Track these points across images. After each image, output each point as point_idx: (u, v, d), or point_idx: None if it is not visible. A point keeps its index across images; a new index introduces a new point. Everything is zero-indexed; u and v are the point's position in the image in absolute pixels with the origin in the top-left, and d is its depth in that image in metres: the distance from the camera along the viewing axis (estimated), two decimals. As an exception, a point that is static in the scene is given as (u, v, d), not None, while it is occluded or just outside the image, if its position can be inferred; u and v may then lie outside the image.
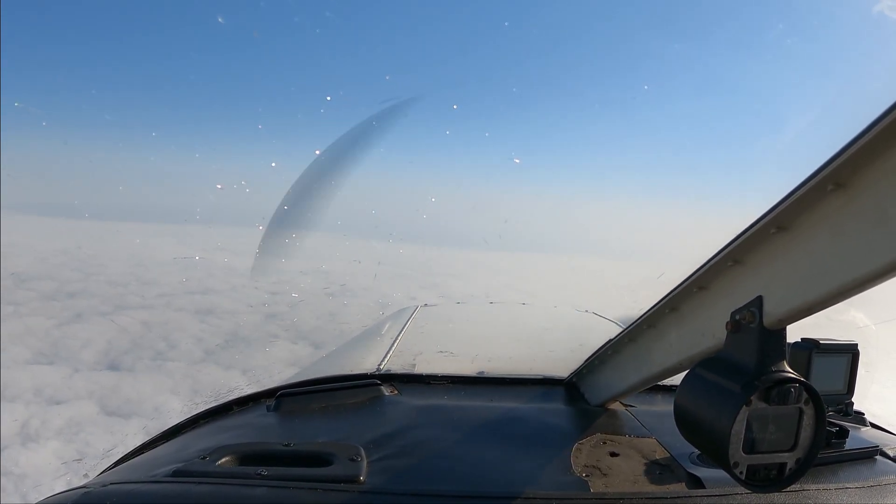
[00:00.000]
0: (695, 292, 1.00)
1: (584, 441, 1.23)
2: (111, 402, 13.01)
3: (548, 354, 2.03)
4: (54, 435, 10.97)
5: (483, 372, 1.68)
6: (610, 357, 1.41)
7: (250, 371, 14.36)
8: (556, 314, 3.33)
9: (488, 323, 3.07)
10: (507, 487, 0.99)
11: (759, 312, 0.83)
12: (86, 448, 10.39)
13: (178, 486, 0.94)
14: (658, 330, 1.17)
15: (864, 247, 0.67)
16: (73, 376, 14.49)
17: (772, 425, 0.82)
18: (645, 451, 1.19)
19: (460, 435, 1.23)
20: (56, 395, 13.19)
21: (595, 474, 1.07)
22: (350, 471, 1.01)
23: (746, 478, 0.83)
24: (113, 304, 22.02)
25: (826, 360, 1.22)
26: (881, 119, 0.62)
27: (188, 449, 1.16)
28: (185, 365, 15.59)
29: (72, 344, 16.81)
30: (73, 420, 11.80)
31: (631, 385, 1.31)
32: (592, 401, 1.49)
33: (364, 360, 1.86)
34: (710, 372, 0.90)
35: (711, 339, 0.96)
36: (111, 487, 0.95)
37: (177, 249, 44.78)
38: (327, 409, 1.37)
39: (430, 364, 1.79)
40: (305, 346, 16.55)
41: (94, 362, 15.64)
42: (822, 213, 0.73)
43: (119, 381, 14.29)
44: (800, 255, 0.77)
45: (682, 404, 0.93)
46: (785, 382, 0.80)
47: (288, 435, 1.22)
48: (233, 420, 1.38)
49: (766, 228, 0.80)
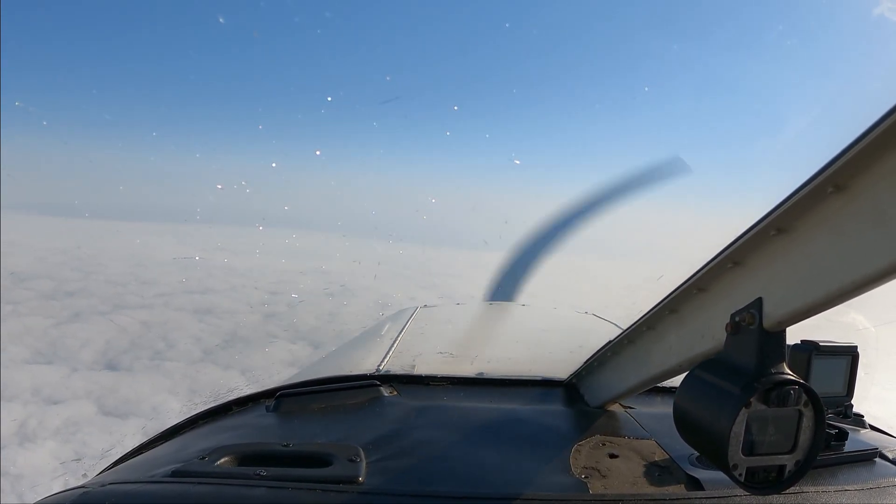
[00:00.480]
0: (694, 294, 1.00)
1: (583, 442, 1.22)
2: (109, 402, 12.99)
3: (547, 355, 2.03)
4: (51, 435, 10.94)
5: (482, 373, 1.68)
6: (609, 358, 1.41)
7: (249, 371, 14.32)
8: (555, 315, 3.33)
9: (488, 324, 3.07)
10: (506, 488, 0.99)
11: (759, 314, 0.83)
12: (83, 448, 10.36)
13: (176, 487, 0.94)
14: (657, 331, 1.17)
15: (864, 249, 0.67)
16: (71, 376, 14.45)
17: (771, 427, 0.82)
18: (644, 453, 1.19)
19: (459, 436, 1.23)
20: (54, 394, 13.16)
21: (594, 476, 1.07)
22: (349, 471, 1.01)
23: (745, 480, 0.83)
24: (112, 304, 22.02)
25: (826, 362, 1.22)
26: (881, 122, 0.62)
27: (187, 449, 1.16)
28: (184, 365, 15.56)
29: (70, 343, 16.77)
30: (70, 420, 11.77)
31: (630, 386, 1.31)
32: (592, 402, 1.49)
33: (363, 360, 1.86)
34: (709, 374, 0.90)
35: (711, 340, 0.96)
36: (110, 487, 0.94)
37: (177, 249, 44.72)
38: (327, 409, 1.37)
39: (430, 365, 1.78)
40: (305, 346, 16.51)
41: (92, 362, 15.61)
42: (822, 215, 0.73)
43: (117, 380, 14.26)
44: (799, 257, 0.77)
45: (681, 406, 0.93)
46: (784, 384, 0.80)
47: (287, 435, 1.22)
48: (232, 420, 1.38)
49: (766, 230, 0.80)
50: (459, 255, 37.62)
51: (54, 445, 10.57)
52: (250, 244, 46.03)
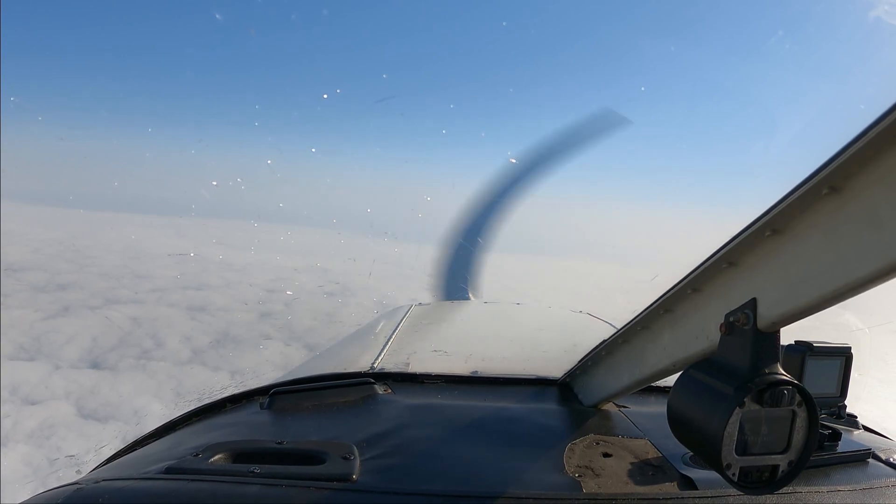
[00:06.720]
0: (689, 294, 1.01)
1: (577, 441, 1.23)
2: (89, 403, 12.52)
3: (542, 354, 2.03)
4: (25, 438, 10.50)
5: (477, 371, 1.68)
6: (604, 358, 1.41)
7: (238, 373, 13.88)
8: (550, 314, 3.33)
9: (482, 322, 3.07)
10: (499, 487, 0.99)
11: (753, 315, 0.83)
12: (56, 454, 9.95)
13: (170, 484, 0.94)
14: (652, 331, 1.17)
15: (858, 250, 0.67)
16: (52, 374, 13.90)
17: (765, 427, 0.83)
18: (638, 452, 1.20)
19: (453, 434, 1.23)
20: (32, 394, 12.62)
21: (588, 475, 1.07)
22: (343, 469, 1.00)
23: (739, 479, 0.84)
24: (103, 298, 21.48)
25: (819, 363, 1.23)
26: (876, 123, 0.62)
27: (181, 446, 1.15)
28: (171, 365, 15.06)
29: (56, 339, 16.23)
30: (46, 422, 11.28)
31: (624, 386, 1.31)
32: (586, 401, 1.49)
33: (358, 358, 1.86)
34: (703, 374, 0.90)
35: (705, 340, 0.97)
36: (103, 484, 0.94)
37: (174, 242, 44.23)
38: (320, 407, 1.37)
39: (424, 363, 1.78)
40: (298, 347, 16.10)
41: (76, 359, 15.08)
42: (817, 216, 0.73)
43: (100, 380, 13.76)
44: (794, 258, 0.77)
45: (675, 406, 0.93)
46: (778, 385, 0.81)
47: (281, 433, 1.22)
48: (226, 418, 1.37)
49: (761, 231, 0.80)
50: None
51: (27, 450, 10.10)
52: (246, 240, 45.72)
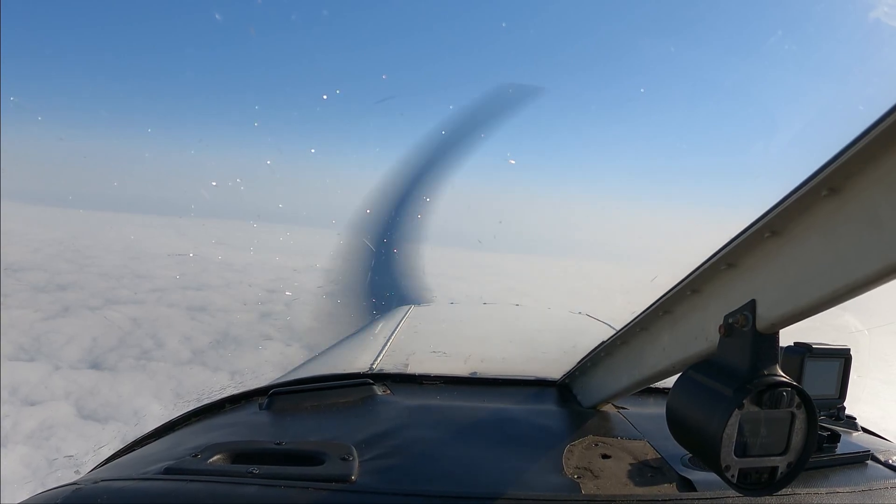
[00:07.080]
0: (688, 295, 1.00)
1: (575, 443, 1.22)
2: (89, 404, 12.45)
3: (541, 356, 2.03)
4: (24, 439, 10.43)
5: (476, 372, 1.68)
6: (603, 359, 1.41)
7: (238, 374, 13.82)
8: (549, 315, 3.33)
9: (481, 323, 3.07)
10: (498, 488, 0.99)
11: (752, 316, 0.83)
12: (54, 454, 9.89)
13: (169, 484, 0.94)
14: (651, 332, 1.17)
15: (857, 252, 0.67)
16: (52, 375, 13.84)
17: (764, 429, 0.83)
18: (637, 454, 1.19)
19: (452, 435, 1.23)
20: (32, 394, 12.56)
21: (586, 476, 1.07)
22: (341, 470, 1.00)
23: (738, 481, 0.83)
24: (104, 298, 21.42)
25: (818, 365, 1.23)
26: (876, 125, 0.62)
27: (180, 446, 1.15)
28: (171, 366, 15.01)
29: (56, 339, 16.18)
30: (45, 423, 11.21)
31: (623, 387, 1.31)
32: (585, 402, 1.49)
33: (357, 359, 1.85)
34: (702, 375, 0.90)
35: (704, 342, 0.96)
36: (102, 484, 0.94)
37: (174, 242, 44.11)
38: (319, 408, 1.37)
39: (423, 364, 1.78)
40: (298, 348, 15.90)
41: (76, 360, 15.01)
42: (816, 217, 0.73)
43: (99, 381, 13.69)
44: (793, 259, 0.77)
45: (674, 407, 0.93)
46: (777, 386, 0.81)
47: (280, 434, 1.22)
48: (225, 418, 1.37)
49: (760, 232, 0.80)
50: (453, 254, 37.51)
51: (26, 450, 10.03)
52: (246, 240, 45.62)
